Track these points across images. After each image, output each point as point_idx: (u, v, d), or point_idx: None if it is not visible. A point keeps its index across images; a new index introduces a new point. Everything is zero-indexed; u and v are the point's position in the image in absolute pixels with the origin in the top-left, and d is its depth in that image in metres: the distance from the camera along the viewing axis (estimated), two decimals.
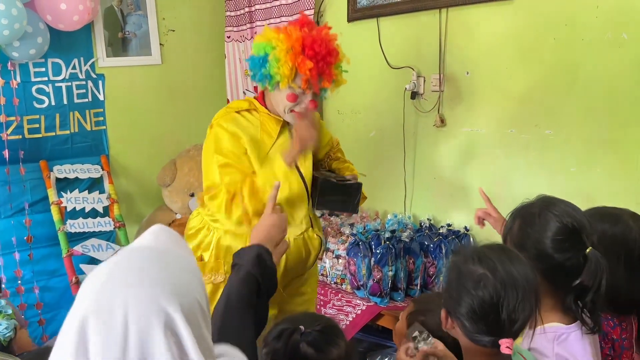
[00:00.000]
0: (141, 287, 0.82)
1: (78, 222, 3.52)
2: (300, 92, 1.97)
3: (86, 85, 3.74)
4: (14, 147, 3.46)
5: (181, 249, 0.95)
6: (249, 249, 1.51)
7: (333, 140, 2.37)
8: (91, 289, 0.84)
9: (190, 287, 0.87)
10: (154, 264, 0.87)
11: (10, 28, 2.95)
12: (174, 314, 0.82)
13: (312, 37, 1.91)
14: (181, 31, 4.08)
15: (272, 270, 1.50)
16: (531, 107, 2.61)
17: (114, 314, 0.80)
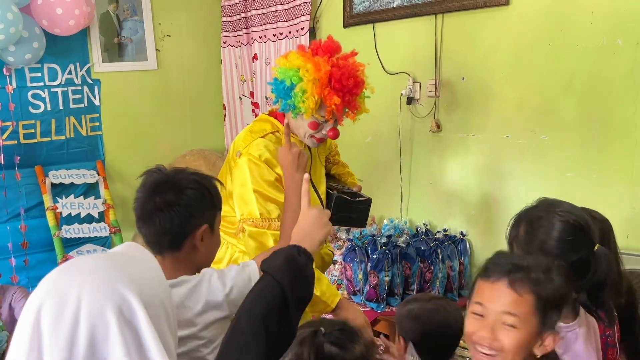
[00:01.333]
0: (97, 273, 0.82)
1: (73, 227, 3.51)
2: (323, 121, 1.94)
3: (82, 91, 3.74)
4: (9, 153, 3.45)
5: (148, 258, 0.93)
6: (280, 251, 1.26)
7: (332, 144, 2.34)
8: (48, 277, 0.84)
9: (151, 285, 0.86)
10: (114, 259, 0.87)
11: (5, 32, 2.95)
12: (131, 300, 0.80)
13: (340, 71, 1.87)
14: (177, 36, 4.08)
15: (307, 275, 1.25)
16: (527, 112, 2.62)
17: (67, 297, 0.79)
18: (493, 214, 2.78)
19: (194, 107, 4.19)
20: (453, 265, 2.76)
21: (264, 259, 1.27)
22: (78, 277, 0.81)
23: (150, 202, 1.40)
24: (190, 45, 4.15)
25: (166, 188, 1.41)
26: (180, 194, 1.41)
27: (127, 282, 0.81)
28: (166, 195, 1.40)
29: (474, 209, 2.86)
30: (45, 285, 0.82)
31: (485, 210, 2.82)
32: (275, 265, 1.21)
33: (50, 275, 0.85)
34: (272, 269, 1.20)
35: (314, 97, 1.83)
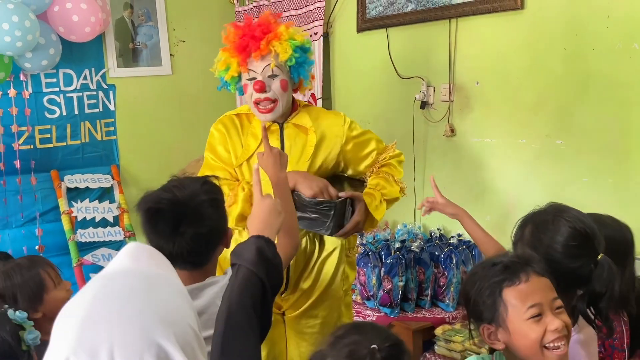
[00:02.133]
0: (127, 320, 0.73)
1: (88, 231, 3.54)
2: (248, 79, 1.96)
3: (97, 96, 3.77)
4: (25, 157, 3.49)
5: (164, 269, 0.86)
6: (247, 243, 1.33)
7: (378, 150, 2.14)
8: (70, 327, 0.74)
9: (181, 313, 0.79)
10: (138, 291, 0.77)
11: (23, 39, 2.98)
12: (167, 347, 0.73)
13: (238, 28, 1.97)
14: (191, 42, 4.10)
15: (277, 263, 1.34)
16: (542, 117, 2.60)
17: (98, 354, 0.71)
18: (508, 219, 2.75)
19: (208, 111, 4.19)
20: (467, 270, 2.75)
21: (234, 250, 1.34)
22: (106, 329, 0.72)
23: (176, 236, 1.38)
24: (204, 51, 4.16)
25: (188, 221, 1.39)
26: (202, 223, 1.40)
27: (160, 327, 0.74)
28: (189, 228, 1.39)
29: (489, 215, 2.84)
30: (69, 336, 0.73)
31: (500, 215, 2.80)
32: (248, 257, 1.28)
33: (70, 319, 0.75)
34: (246, 262, 1.27)
35: (219, 59, 1.99)
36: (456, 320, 2.66)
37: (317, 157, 2.04)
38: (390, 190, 2.05)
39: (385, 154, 2.14)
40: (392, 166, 2.12)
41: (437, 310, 2.75)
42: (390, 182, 2.07)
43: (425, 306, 2.75)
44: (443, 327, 2.57)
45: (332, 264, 2.11)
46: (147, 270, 0.83)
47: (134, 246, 0.87)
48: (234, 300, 1.20)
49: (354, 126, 2.12)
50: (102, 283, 0.79)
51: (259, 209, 1.44)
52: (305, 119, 2.06)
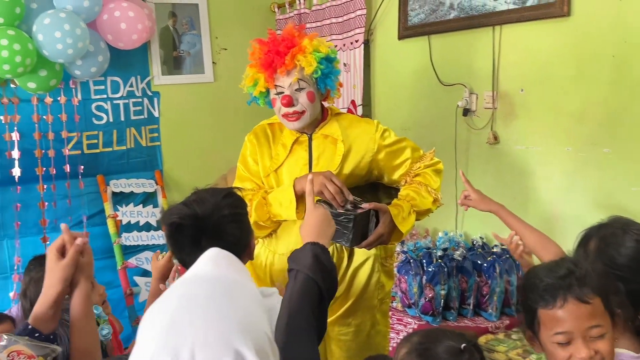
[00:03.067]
0: (208, 325, 0.78)
1: (132, 235, 3.62)
2: (275, 94, 2.01)
3: (142, 103, 3.86)
4: (74, 162, 3.59)
5: (243, 277, 0.91)
6: (304, 250, 1.38)
7: (413, 159, 2.10)
8: (155, 329, 0.79)
9: (257, 320, 0.83)
10: (220, 298, 0.82)
11: (74, 47, 3.08)
12: (245, 353, 0.77)
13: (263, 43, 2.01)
14: (233, 50, 4.17)
15: (332, 269, 1.37)
16: (589, 124, 2.56)
17: (181, 355, 0.76)
18: (552, 228, 2.72)
19: (248, 118, 4.21)
20: (511, 280, 2.72)
21: (290, 255, 1.37)
22: (189, 332, 0.77)
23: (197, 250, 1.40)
24: (245, 58, 4.15)
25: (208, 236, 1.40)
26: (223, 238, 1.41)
27: (239, 334, 0.78)
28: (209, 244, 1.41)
29: (533, 223, 2.80)
30: (155, 337, 0.79)
31: (545, 224, 2.74)
32: (306, 263, 1.32)
33: (156, 322, 0.80)
34: (304, 267, 1.30)
35: (247, 75, 2.06)
36: (499, 330, 2.63)
37: (345, 167, 2.04)
38: (421, 202, 2.00)
39: (420, 163, 2.10)
40: (427, 175, 2.07)
41: (479, 319, 2.72)
42: (422, 193, 2.02)
43: (467, 315, 2.73)
44: (486, 337, 2.55)
45: (365, 274, 2.11)
46: (227, 276, 0.88)
47: (215, 252, 0.92)
48: (294, 305, 1.24)
49: (387, 134, 2.09)
50: (186, 288, 0.84)
51: (312, 218, 1.49)
52: (334, 129, 2.06)
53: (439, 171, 2.11)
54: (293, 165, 2.05)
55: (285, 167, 2.07)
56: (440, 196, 2.07)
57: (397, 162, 2.09)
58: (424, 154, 2.13)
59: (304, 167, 2.06)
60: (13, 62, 2.94)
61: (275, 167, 2.06)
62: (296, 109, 1.97)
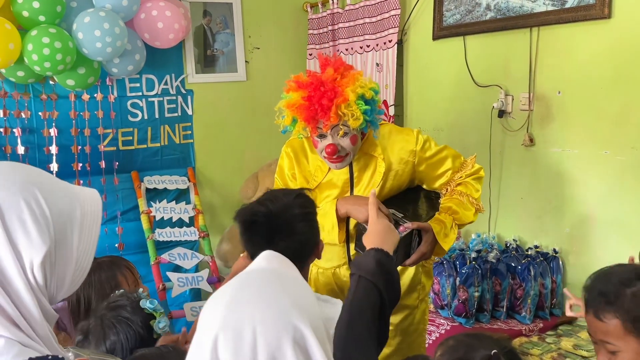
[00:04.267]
0: (268, 303, 0.82)
1: (165, 231, 3.67)
2: (317, 137, 1.90)
3: (176, 100, 3.91)
4: (109, 158, 3.66)
5: (294, 272, 0.95)
6: (367, 255, 1.37)
7: (454, 169, 2.05)
8: (217, 310, 0.84)
9: (314, 307, 0.86)
10: (276, 282, 0.87)
11: (113, 45, 3.13)
12: (304, 330, 0.81)
13: (298, 85, 1.90)
14: (266, 49, 4.20)
15: (395, 277, 1.37)
16: (628, 128, 2.53)
17: (243, 331, 0.80)
18: (589, 233, 2.70)
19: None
20: (545, 283, 2.70)
21: (353, 261, 1.38)
22: (249, 309, 0.82)
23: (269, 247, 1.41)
24: (277, 58, 4.26)
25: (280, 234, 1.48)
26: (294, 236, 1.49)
27: (297, 312, 0.82)
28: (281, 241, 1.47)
29: (569, 227, 2.79)
30: (217, 317, 0.83)
31: (581, 228, 2.74)
32: (369, 268, 1.32)
33: (217, 304, 0.85)
34: (367, 273, 1.31)
35: (284, 113, 1.94)
36: (533, 333, 2.62)
37: (386, 184, 2.00)
38: (464, 215, 1.98)
39: (462, 172, 2.05)
40: (468, 185, 2.02)
41: (513, 322, 2.71)
42: (465, 204, 1.99)
43: (500, 317, 2.72)
44: (520, 339, 2.54)
45: (409, 276, 2.12)
46: (279, 269, 0.93)
47: (268, 253, 0.98)
48: (355, 310, 1.25)
49: (428, 146, 2.02)
50: (241, 277, 0.89)
51: (376, 227, 1.51)
52: (375, 146, 2.00)
53: (480, 178, 2.07)
54: (333, 183, 2.02)
55: (325, 185, 2.04)
56: (481, 205, 2.04)
57: (438, 172, 2.04)
58: (465, 161, 2.07)
59: (345, 185, 2.01)
60: (54, 60, 3.01)
61: (313, 187, 2.04)
62: (340, 154, 1.90)
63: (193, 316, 3.43)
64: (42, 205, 0.96)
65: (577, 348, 2.38)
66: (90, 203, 1.05)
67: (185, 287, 3.49)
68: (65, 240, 0.98)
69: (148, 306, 1.55)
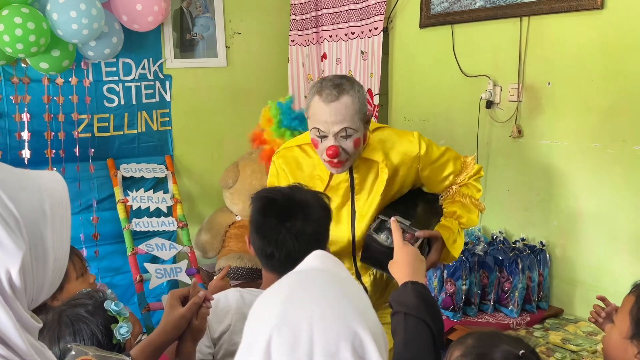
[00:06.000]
0: (326, 304, 0.76)
1: (143, 220, 3.56)
2: (319, 136, 1.77)
3: (154, 86, 3.79)
4: (84, 145, 3.53)
5: (349, 275, 0.89)
6: (406, 290, 1.32)
7: (455, 172, 1.98)
8: (272, 308, 0.78)
9: (373, 314, 0.81)
10: (333, 283, 0.81)
11: (89, 27, 3.00)
12: (364, 337, 0.76)
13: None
14: (247, 34, 4.09)
15: (437, 307, 1.32)
16: (619, 120, 2.51)
17: (299, 332, 0.74)
18: (576, 225, 2.68)
19: (261, 105, 4.16)
20: (532, 276, 2.68)
21: (392, 296, 1.32)
22: (307, 307, 0.76)
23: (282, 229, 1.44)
24: (259, 43, 4.16)
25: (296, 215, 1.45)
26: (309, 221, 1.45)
27: (357, 316, 0.76)
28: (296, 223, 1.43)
29: (556, 220, 2.76)
30: (272, 314, 0.77)
31: (568, 221, 2.72)
32: (412, 304, 1.27)
33: (270, 302, 0.79)
34: (412, 309, 1.26)
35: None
36: (520, 327, 2.60)
37: (390, 190, 1.92)
38: (469, 218, 1.93)
39: (464, 175, 1.98)
40: (470, 186, 1.98)
41: (500, 315, 2.69)
42: (469, 207, 1.94)
43: (487, 311, 2.69)
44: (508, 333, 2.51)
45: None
46: (337, 271, 0.86)
47: (321, 252, 0.91)
48: (413, 349, 1.21)
49: (431, 151, 1.93)
50: (298, 276, 0.82)
51: (404, 255, 1.45)
52: (376, 152, 1.89)
53: (481, 177, 2.03)
54: (334, 193, 1.90)
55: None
56: (483, 205, 2.02)
57: (442, 176, 1.98)
58: (465, 162, 2.00)
59: (346, 192, 1.92)
60: (27, 41, 2.86)
61: None
62: (341, 159, 1.77)
63: None
64: (8, 206, 0.81)
65: (566, 342, 2.36)
66: (55, 190, 0.91)
67: (163, 278, 3.39)
68: (39, 240, 0.84)
69: (112, 308, 1.43)
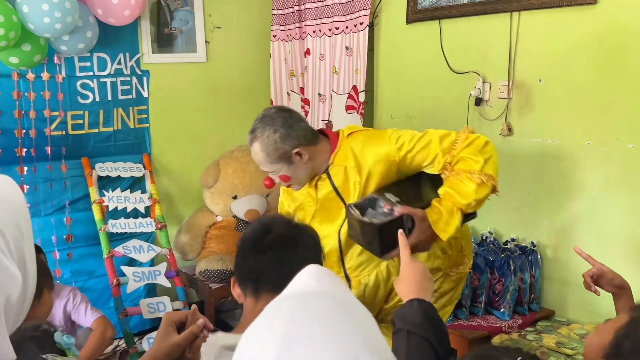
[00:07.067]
0: (332, 340, 0.64)
1: (120, 222, 3.41)
2: None
3: (131, 82, 3.64)
4: (57, 143, 3.37)
5: (351, 295, 0.77)
6: (411, 307, 1.26)
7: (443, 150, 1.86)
8: (268, 350, 0.64)
9: (381, 338, 0.71)
10: (338, 313, 0.68)
11: (62, 21, 2.85)
12: None
13: None
14: (227, 29, 3.96)
15: (443, 327, 1.27)
16: (612, 118, 2.45)
17: None
18: (569, 225, 2.63)
19: (242, 101, 4.07)
20: (524, 277, 2.62)
21: (396, 313, 1.26)
22: (309, 347, 0.63)
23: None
24: (239, 38, 4.03)
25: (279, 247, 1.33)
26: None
27: (368, 352, 0.64)
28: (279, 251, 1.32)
29: (547, 219, 2.71)
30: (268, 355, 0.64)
31: (560, 221, 2.66)
32: (417, 322, 1.22)
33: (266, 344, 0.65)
34: (416, 327, 1.20)
35: None
36: (513, 330, 2.54)
37: (368, 190, 1.91)
38: (460, 194, 1.77)
39: (454, 151, 1.85)
40: (466, 159, 1.81)
41: (491, 318, 2.62)
42: (461, 183, 1.78)
43: (479, 314, 2.62)
44: (500, 337, 2.45)
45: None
46: (337, 292, 0.73)
47: (316, 268, 0.78)
48: None
49: (402, 141, 1.88)
50: (294, 303, 0.69)
51: (410, 272, 1.39)
52: (347, 157, 1.93)
53: (480, 146, 1.83)
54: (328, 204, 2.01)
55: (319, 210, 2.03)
56: (490, 175, 1.81)
57: (427, 162, 1.89)
58: (456, 138, 1.87)
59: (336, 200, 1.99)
60: None
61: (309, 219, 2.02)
62: (283, 184, 2.02)
63: (150, 313, 3.21)
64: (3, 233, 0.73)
65: (560, 346, 2.30)
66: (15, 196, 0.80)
67: (141, 282, 3.26)
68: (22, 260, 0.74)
69: (63, 341, 1.35)
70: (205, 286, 3.49)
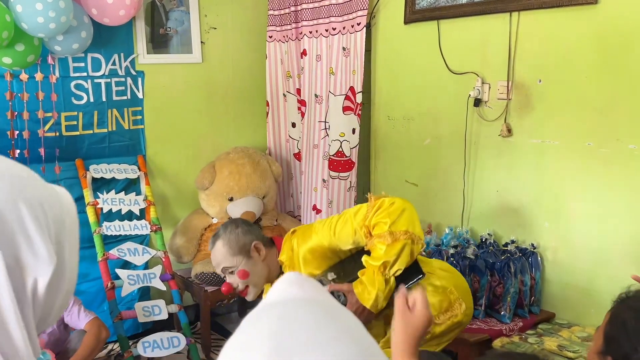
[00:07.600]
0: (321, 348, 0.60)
1: (114, 224, 3.37)
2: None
3: (125, 82, 3.60)
4: (50, 145, 3.32)
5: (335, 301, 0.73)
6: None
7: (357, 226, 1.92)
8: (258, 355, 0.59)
9: (374, 343, 0.67)
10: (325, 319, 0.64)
11: (56, 21, 2.81)
12: None
13: None
14: (223, 29, 3.93)
15: None
16: (613, 118, 2.44)
17: None
18: (570, 227, 2.61)
19: (238, 102, 4.04)
20: (525, 280, 2.59)
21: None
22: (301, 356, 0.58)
23: None
24: (235, 39, 4.00)
25: None
26: None
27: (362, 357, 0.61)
28: None
29: (548, 221, 2.68)
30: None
31: (561, 223, 2.64)
32: None
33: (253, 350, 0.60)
34: None
35: None
36: (513, 333, 2.51)
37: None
38: (376, 257, 1.84)
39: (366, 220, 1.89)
40: (378, 224, 1.87)
41: (492, 320, 2.59)
42: (375, 248, 1.85)
43: (479, 316, 2.59)
44: (501, 340, 2.42)
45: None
46: (322, 298, 0.69)
47: (295, 275, 0.73)
48: None
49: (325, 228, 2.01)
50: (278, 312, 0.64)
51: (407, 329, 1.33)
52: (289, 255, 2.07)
53: (386, 207, 1.88)
54: None
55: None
56: (401, 232, 1.84)
57: (352, 238, 1.94)
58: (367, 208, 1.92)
59: None
60: None
61: None
62: (240, 290, 2.05)
63: (145, 316, 3.17)
64: (45, 210, 0.71)
65: (562, 349, 2.28)
66: (70, 204, 0.80)
67: (136, 285, 3.21)
68: (60, 253, 0.72)
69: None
70: (200, 289, 3.45)
